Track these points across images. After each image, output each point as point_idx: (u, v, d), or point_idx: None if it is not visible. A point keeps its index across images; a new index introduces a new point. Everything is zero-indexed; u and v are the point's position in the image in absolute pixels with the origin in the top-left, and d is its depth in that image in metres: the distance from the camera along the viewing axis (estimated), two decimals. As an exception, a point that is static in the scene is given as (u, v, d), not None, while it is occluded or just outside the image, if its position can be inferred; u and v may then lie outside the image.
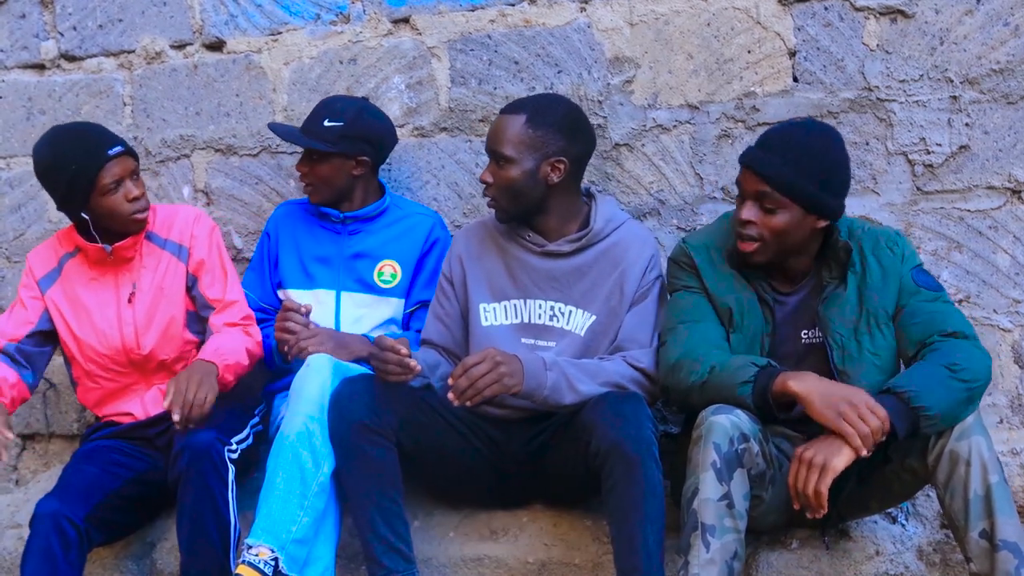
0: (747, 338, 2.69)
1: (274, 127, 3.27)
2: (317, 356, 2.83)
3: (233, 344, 3.03)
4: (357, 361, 2.96)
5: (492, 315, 2.94)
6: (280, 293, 3.27)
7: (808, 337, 2.69)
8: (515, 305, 2.93)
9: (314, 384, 2.75)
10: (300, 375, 2.80)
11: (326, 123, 3.14)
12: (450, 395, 2.60)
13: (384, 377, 2.69)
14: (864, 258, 2.64)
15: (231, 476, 2.81)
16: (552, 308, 2.89)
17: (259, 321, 3.23)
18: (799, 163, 2.52)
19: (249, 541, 2.64)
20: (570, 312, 2.88)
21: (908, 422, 2.35)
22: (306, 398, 2.74)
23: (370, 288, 3.21)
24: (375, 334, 3.05)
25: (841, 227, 2.66)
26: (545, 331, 2.89)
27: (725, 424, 2.42)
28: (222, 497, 2.78)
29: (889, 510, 2.85)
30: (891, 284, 2.62)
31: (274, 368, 3.22)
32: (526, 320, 2.91)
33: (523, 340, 2.90)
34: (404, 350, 2.66)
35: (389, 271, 3.22)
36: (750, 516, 2.48)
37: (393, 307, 3.23)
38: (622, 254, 2.87)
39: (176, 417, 2.74)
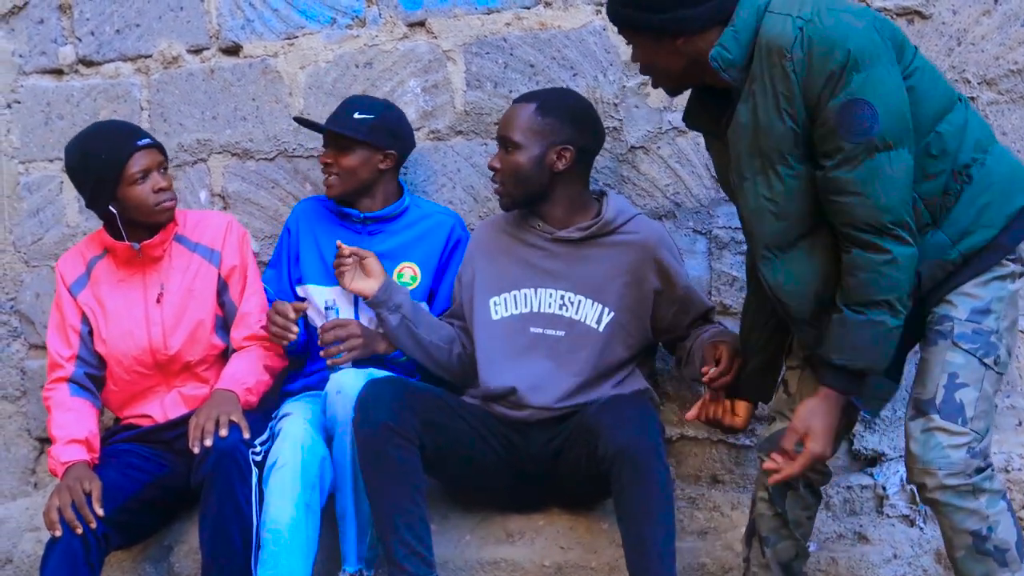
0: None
1: (301, 120, 3.27)
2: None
3: (250, 366, 3.07)
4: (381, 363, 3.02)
5: (503, 306, 2.98)
6: (300, 289, 3.25)
7: None
8: (525, 294, 2.96)
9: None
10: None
11: (356, 115, 3.15)
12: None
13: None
14: (761, 68, 2.23)
15: (255, 479, 2.82)
16: (562, 297, 2.93)
17: None
18: None
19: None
20: (579, 301, 2.91)
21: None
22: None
23: None
24: None
25: (741, 26, 2.24)
26: (554, 320, 2.92)
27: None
28: (245, 500, 2.79)
29: (907, 513, 2.85)
30: (786, 107, 2.22)
31: None
32: (535, 309, 2.95)
33: (531, 329, 2.93)
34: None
35: (409, 273, 3.21)
36: None
37: None
38: (637, 252, 2.90)
39: (196, 450, 2.78)
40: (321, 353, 3.03)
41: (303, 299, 3.21)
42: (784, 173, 2.27)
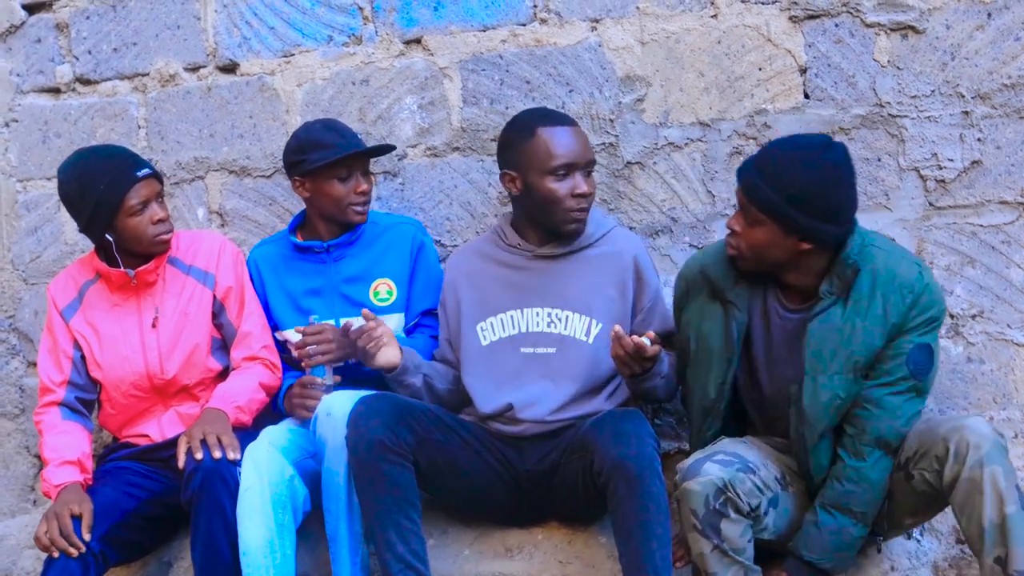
0: (703, 366, 2.73)
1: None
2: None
3: (244, 383, 3.05)
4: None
5: (491, 331, 2.97)
6: (277, 335, 3.22)
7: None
8: (512, 316, 2.96)
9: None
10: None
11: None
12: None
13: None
14: (873, 290, 2.53)
15: None
16: (550, 314, 2.92)
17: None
18: (775, 180, 2.50)
19: None
20: (567, 317, 2.91)
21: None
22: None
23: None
24: None
25: (857, 248, 2.54)
26: (544, 338, 2.92)
27: (696, 489, 2.48)
28: (234, 515, 2.78)
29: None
30: (887, 331, 2.53)
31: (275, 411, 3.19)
32: (524, 329, 2.94)
33: (522, 349, 2.93)
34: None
35: (385, 289, 3.18)
36: (769, 541, 2.60)
37: (395, 323, 3.17)
38: (617, 262, 2.91)
39: (181, 465, 2.77)
40: (295, 354, 3.02)
41: (284, 341, 3.19)
42: (860, 380, 2.56)
